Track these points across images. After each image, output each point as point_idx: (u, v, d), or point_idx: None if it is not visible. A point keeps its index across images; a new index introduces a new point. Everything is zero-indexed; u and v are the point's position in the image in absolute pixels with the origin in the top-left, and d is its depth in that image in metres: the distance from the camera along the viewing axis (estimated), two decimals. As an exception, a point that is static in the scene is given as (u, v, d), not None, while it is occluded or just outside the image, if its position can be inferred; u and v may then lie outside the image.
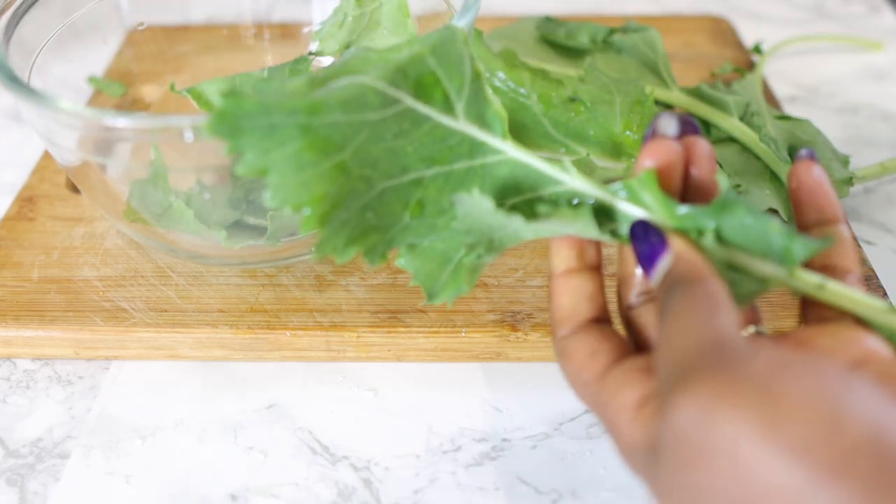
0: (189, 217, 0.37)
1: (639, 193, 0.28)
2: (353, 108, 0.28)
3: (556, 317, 0.30)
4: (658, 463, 0.24)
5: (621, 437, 0.27)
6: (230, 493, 0.35)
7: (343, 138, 0.28)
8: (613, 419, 0.27)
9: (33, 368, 0.41)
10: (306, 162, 0.27)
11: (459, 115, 0.30)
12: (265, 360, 0.40)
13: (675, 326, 0.25)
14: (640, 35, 0.53)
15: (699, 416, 0.22)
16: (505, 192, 0.30)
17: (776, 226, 0.26)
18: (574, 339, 0.30)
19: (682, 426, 0.22)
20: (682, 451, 0.22)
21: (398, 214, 0.30)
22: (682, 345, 0.24)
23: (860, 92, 0.59)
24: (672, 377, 0.23)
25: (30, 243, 0.44)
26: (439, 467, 0.35)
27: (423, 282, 0.31)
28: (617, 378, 0.28)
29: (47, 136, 0.35)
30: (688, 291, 0.25)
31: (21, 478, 0.36)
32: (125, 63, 0.55)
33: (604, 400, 0.28)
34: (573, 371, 0.29)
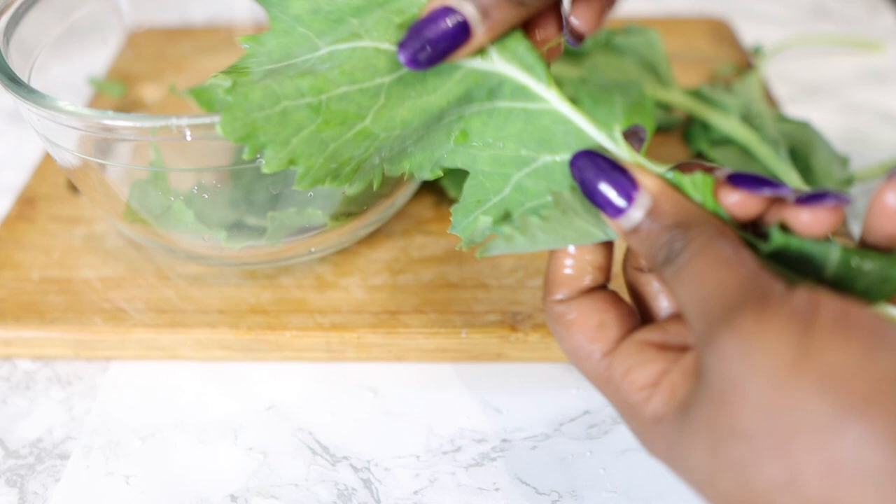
0: (189, 217, 0.37)
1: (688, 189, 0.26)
2: (362, 76, 0.27)
3: (553, 278, 0.28)
4: (690, 421, 0.23)
5: (639, 414, 0.25)
6: (230, 494, 0.35)
7: (359, 107, 0.27)
8: (626, 398, 0.26)
9: (33, 369, 0.41)
10: (328, 138, 0.27)
11: (492, 55, 0.28)
12: (265, 361, 0.40)
13: (702, 270, 0.23)
14: (640, 36, 0.53)
15: (740, 353, 0.21)
16: (544, 144, 0.28)
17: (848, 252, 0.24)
18: (576, 306, 0.27)
19: (724, 367, 0.21)
20: (723, 394, 0.21)
21: (443, 141, 0.29)
22: (716, 287, 0.22)
23: (860, 92, 0.59)
24: (711, 321, 0.22)
25: (30, 244, 0.44)
26: (439, 468, 0.35)
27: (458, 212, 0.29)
28: (628, 354, 0.26)
29: (47, 137, 0.35)
30: (700, 232, 0.24)
31: (21, 478, 0.36)
32: (125, 63, 0.55)
33: (615, 378, 0.26)
34: (575, 343, 0.27)
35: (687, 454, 0.23)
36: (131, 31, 0.54)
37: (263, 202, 0.39)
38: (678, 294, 0.24)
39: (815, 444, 0.20)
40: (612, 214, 0.25)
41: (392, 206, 0.42)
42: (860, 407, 0.20)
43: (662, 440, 0.24)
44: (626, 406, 0.26)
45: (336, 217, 0.39)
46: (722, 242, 0.23)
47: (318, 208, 0.38)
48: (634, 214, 0.25)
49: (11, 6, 0.39)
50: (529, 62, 0.28)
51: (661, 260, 0.24)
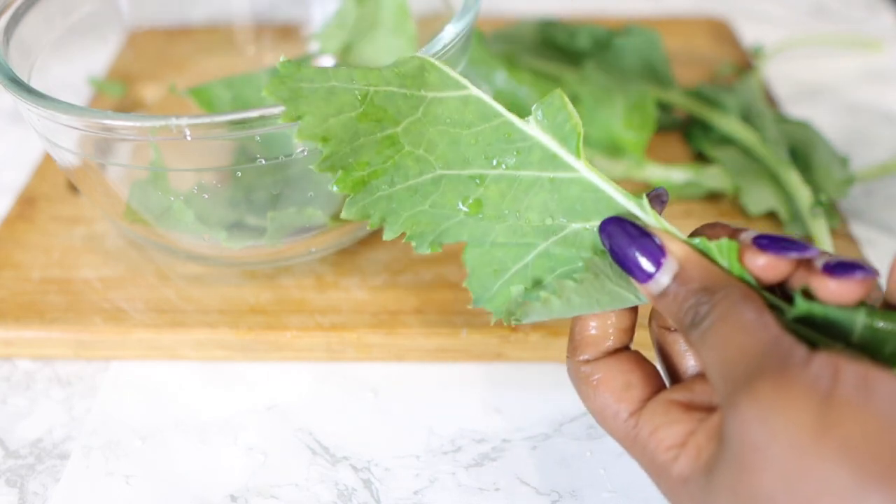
0: (189, 217, 0.37)
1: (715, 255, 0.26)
2: (412, 83, 0.27)
3: (578, 339, 0.29)
4: (715, 483, 0.23)
5: (666, 473, 0.25)
6: (230, 494, 0.35)
7: (399, 112, 0.27)
8: (653, 458, 0.26)
9: (33, 369, 0.41)
10: (362, 130, 0.27)
11: (532, 119, 0.28)
12: (265, 361, 0.40)
13: (726, 334, 0.24)
14: (640, 37, 0.53)
15: (760, 418, 0.22)
16: (573, 213, 0.28)
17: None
18: (602, 367, 0.28)
19: (744, 432, 0.22)
20: (744, 458, 0.22)
21: (453, 207, 0.29)
22: (739, 352, 0.23)
23: (860, 92, 0.59)
24: (733, 385, 0.23)
25: (30, 244, 0.44)
26: (439, 468, 0.35)
27: (474, 284, 0.30)
28: (655, 414, 0.26)
29: (47, 137, 0.35)
30: (723, 298, 0.24)
31: (21, 478, 0.36)
32: (125, 63, 0.55)
33: (642, 438, 0.26)
34: (602, 402, 0.28)
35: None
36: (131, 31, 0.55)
37: (263, 202, 0.39)
38: (703, 357, 0.24)
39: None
40: (641, 279, 0.26)
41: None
42: (882, 475, 0.20)
43: (689, 500, 0.25)
44: (654, 465, 0.26)
45: (336, 217, 0.39)
46: (745, 307, 0.24)
47: (318, 208, 0.38)
48: (662, 279, 0.26)
49: (11, 6, 0.39)
50: (564, 133, 0.28)
51: (688, 323, 0.25)
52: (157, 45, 0.56)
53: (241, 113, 0.31)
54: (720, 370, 0.23)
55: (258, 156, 0.33)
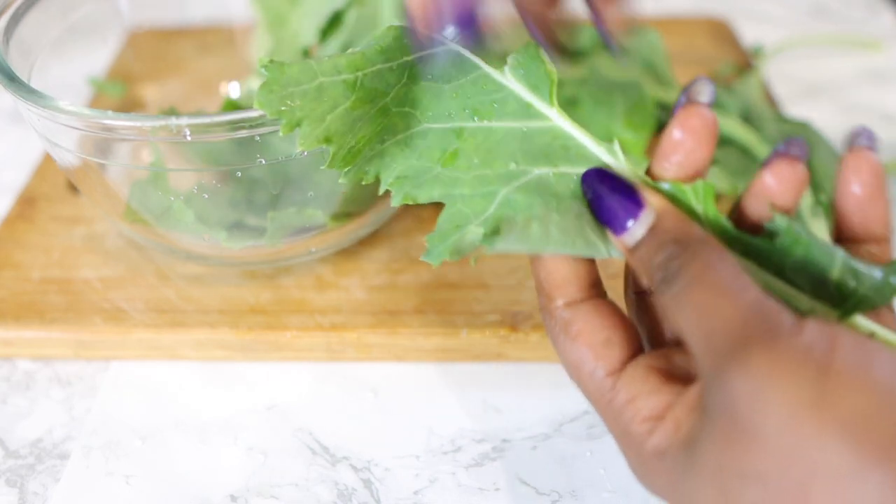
0: (189, 217, 0.37)
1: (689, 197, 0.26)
2: (395, 52, 0.28)
3: (552, 281, 0.27)
4: (696, 458, 0.22)
5: (640, 446, 0.24)
6: (230, 494, 0.35)
7: (387, 85, 0.28)
8: (627, 427, 0.25)
9: (33, 369, 0.41)
10: (357, 116, 0.27)
11: (507, 70, 0.28)
12: (265, 361, 0.40)
13: (703, 299, 0.22)
14: (640, 37, 0.53)
15: (752, 393, 0.20)
16: (540, 158, 0.28)
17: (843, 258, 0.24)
18: (583, 315, 0.26)
19: (733, 405, 0.21)
20: (731, 433, 0.21)
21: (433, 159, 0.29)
22: (719, 318, 0.22)
23: (860, 92, 0.59)
24: (715, 356, 0.21)
25: (30, 244, 0.44)
26: (439, 468, 0.35)
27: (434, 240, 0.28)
28: (633, 380, 0.25)
29: (47, 137, 0.35)
30: (699, 257, 0.23)
31: (21, 478, 0.36)
32: (125, 63, 0.55)
33: (617, 404, 0.25)
34: (579, 357, 0.26)
35: (693, 492, 0.22)
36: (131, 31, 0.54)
37: (263, 202, 0.39)
38: (679, 322, 0.23)
39: (833, 490, 0.19)
40: (617, 231, 0.25)
41: (392, 206, 0.42)
42: (883, 454, 0.19)
43: (664, 475, 0.24)
44: (626, 435, 0.25)
45: (336, 217, 0.39)
46: (721, 266, 0.23)
47: (318, 208, 0.38)
48: (637, 231, 0.25)
49: (11, 6, 0.39)
50: (537, 80, 0.28)
51: (659, 280, 0.24)
52: (157, 45, 0.56)
53: (241, 113, 0.31)
54: (699, 339, 0.22)
55: (258, 156, 0.33)
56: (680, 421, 0.23)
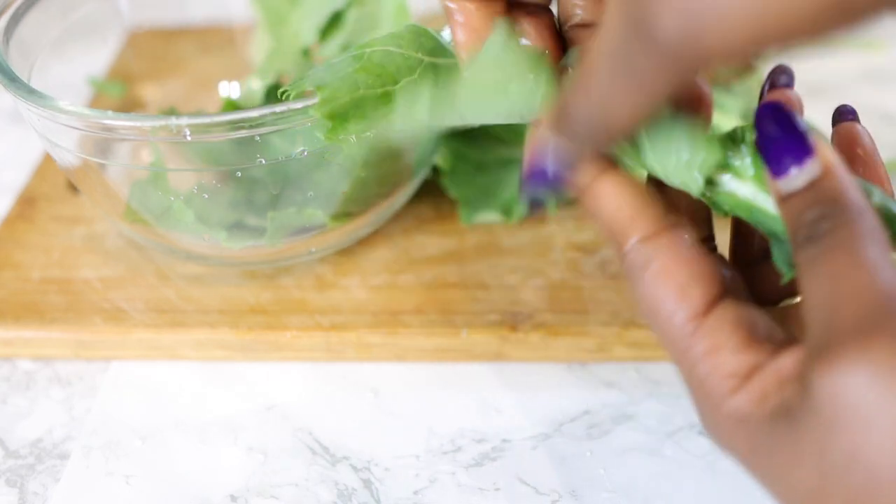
0: (189, 218, 0.37)
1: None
2: (407, 43, 0.28)
3: (616, 222, 0.24)
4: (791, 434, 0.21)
5: (716, 403, 0.22)
6: (230, 494, 0.35)
7: (398, 69, 0.28)
8: (704, 381, 0.23)
9: (33, 369, 0.41)
10: (361, 82, 0.27)
11: None
12: (265, 361, 0.40)
13: (843, 269, 0.20)
14: None
15: (871, 378, 0.19)
16: None
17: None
18: (663, 250, 0.23)
19: (847, 389, 0.19)
20: (841, 418, 0.19)
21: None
22: (853, 294, 0.20)
23: (860, 92, 0.59)
24: (839, 334, 0.20)
25: (30, 244, 0.44)
26: (439, 468, 0.35)
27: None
28: (719, 329, 0.23)
29: (47, 137, 0.35)
30: (853, 225, 0.21)
31: (21, 478, 0.36)
32: (125, 63, 0.55)
33: (695, 353, 0.23)
34: (659, 297, 0.23)
35: (788, 468, 0.21)
36: (131, 31, 0.54)
37: (263, 202, 0.39)
38: (806, 286, 0.21)
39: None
40: (777, 173, 0.23)
41: (392, 206, 0.42)
42: None
43: (744, 440, 0.22)
44: (701, 389, 0.23)
45: (336, 217, 0.39)
46: (871, 240, 0.21)
47: (318, 208, 0.38)
48: (799, 180, 0.22)
49: (11, 6, 0.39)
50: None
51: (802, 238, 0.22)
52: (157, 45, 0.56)
53: (241, 113, 0.31)
54: (824, 309, 0.20)
55: (258, 156, 0.33)
56: (768, 391, 0.22)
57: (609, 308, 0.40)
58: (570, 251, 0.43)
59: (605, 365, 0.40)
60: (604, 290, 0.41)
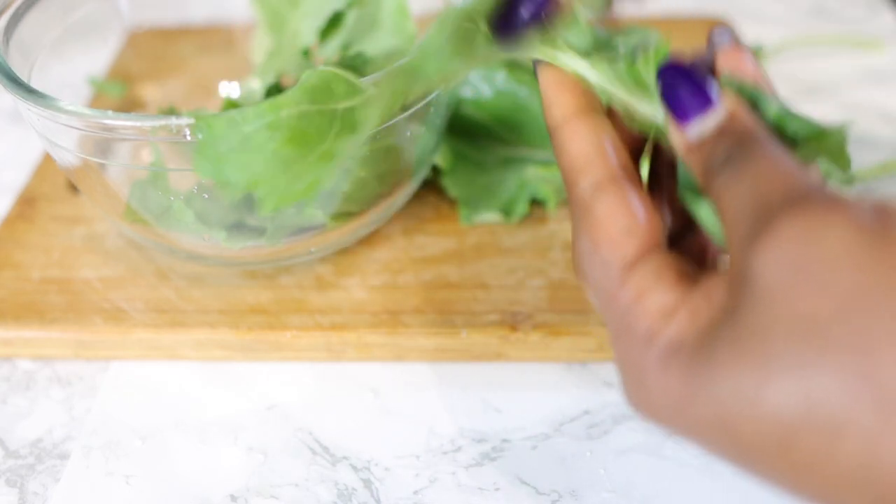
0: (189, 217, 0.37)
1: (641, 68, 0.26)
2: (321, 96, 0.27)
3: (573, 163, 0.25)
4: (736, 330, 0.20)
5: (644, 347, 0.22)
6: (230, 494, 0.35)
7: (318, 130, 0.27)
8: (633, 324, 0.22)
9: (33, 369, 0.41)
10: (289, 157, 0.26)
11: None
12: (265, 361, 0.40)
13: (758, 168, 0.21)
14: (640, 37, 0.53)
15: (808, 235, 0.19)
16: None
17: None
18: (605, 197, 0.24)
19: (788, 253, 0.19)
20: (785, 284, 0.19)
21: None
22: (779, 181, 0.20)
23: (860, 92, 0.59)
24: (771, 209, 0.20)
25: (30, 244, 0.44)
26: (439, 468, 0.35)
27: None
28: (645, 275, 0.23)
29: (47, 137, 0.35)
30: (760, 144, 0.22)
31: (21, 478, 0.36)
32: (125, 63, 0.55)
33: (623, 299, 0.23)
34: (595, 241, 0.24)
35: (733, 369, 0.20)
36: (131, 31, 0.54)
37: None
38: (726, 201, 0.22)
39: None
40: (682, 122, 0.24)
41: (392, 206, 0.42)
42: None
43: (678, 376, 0.21)
44: (628, 336, 0.22)
45: (336, 217, 0.39)
46: (782, 151, 0.22)
47: (318, 208, 0.38)
48: (706, 125, 0.23)
49: (11, 6, 0.39)
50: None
51: (717, 165, 0.22)
52: (157, 45, 0.56)
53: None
54: (752, 200, 0.21)
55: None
56: (697, 309, 0.21)
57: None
58: (571, 251, 0.43)
59: (605, 365, 0.40)
60: (604, 290, 0.41)
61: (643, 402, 0.22)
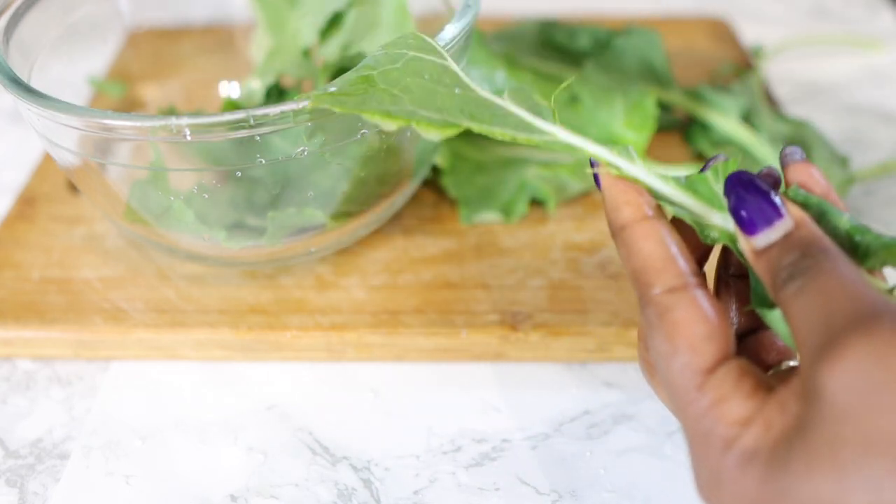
0: (189, 217, 0.37)
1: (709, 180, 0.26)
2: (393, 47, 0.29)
3: (648, 264, 0.25)
4: (808, 443, 0.21)
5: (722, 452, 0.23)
6: (230, 494, 0.35)
7: (375, 61, 0.29)
8: (710, 431, 0.23)
9: (33, 369, 0.41)
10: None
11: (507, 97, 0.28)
12: (265, 361, 0.40)
13: (827, 285, 0.22)
14: (640, 37, 0.53)
15: (878, 362, 0.20)
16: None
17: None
18: (685, 303, 0.24)
19: (859, 373, 0.20)
20: (854, 404, 0.20)
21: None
22: (847, 300, 0.21)
23: (860, 92, 0.59)
24: (839, 329, 0.21)
25: (30, 244, 0.44)
26: (439, 468, 0.35)
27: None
28: (725, 381, 0.23)
29: (47, 137, 0.35)
30: (826, 257, 0.23)
31: (21, 478, 0.36)
32: (125, 63, 0.55)
33: (702, 405, 0.23)
34: (673, 348, 0.24)
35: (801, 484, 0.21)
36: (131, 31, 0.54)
37: (263, 202, 0.39)
38: (794, 313, 0.22)
39: None
40: (749, 232, 0.25)
41: (392, 206, 0.42)
42: None
43: (752, 480, 0.22)
44: (706, 441, 0.23)
45: (336, 217, 0.39)
46: (849, 266, 0.22)
47: (318, 208, 0.38)
48: (772, 235, 0.24)
49: (11, 6, 0.39)
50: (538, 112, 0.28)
51: (785, 277, 0.23)
52: (157, 45, 0.56)
53: (241, 113, 0.31)
54: (817, 320, 0.21)
55: (258, 156, 0.33)
56: (771, 420, 0.22)
57: (609, 308, 0.40)
58: (570, 251, 0.43)
59: (605, 365, 0.40)
60: (604, 290, 0.41)
61: (718, 500, 0.23)
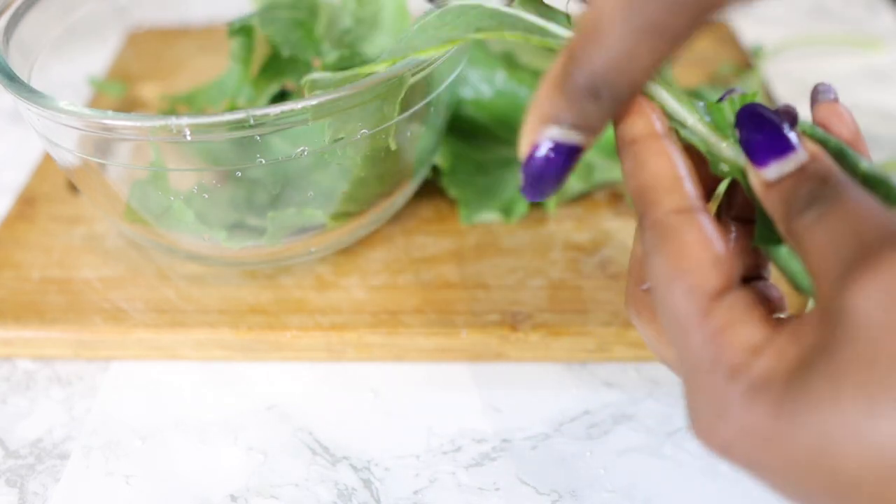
0: (189, 218, 0.37)
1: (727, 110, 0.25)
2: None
3: (656, 181, 0.24)
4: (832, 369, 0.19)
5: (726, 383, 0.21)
6: (230, 494, 0.35)
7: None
8: (717, 356, 0.21)
9: (33, 369, 0.41)
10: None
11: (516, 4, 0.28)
12: (265, 361, 0.40)
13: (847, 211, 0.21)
14: None
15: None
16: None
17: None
18: (696, 225, 0.23)
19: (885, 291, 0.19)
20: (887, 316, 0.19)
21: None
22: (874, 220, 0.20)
23: (860, 92, 0.59)
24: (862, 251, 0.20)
25: (30, 244, 0.44)
26: (439, 468, 0.35)
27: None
28: (736, 307, 0.22)
29: (47, 137, 0.35)
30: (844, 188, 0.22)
31: (21, 478, 0.36)
32: (125, 63, 0.55)
33: (708, 329, 0.22)
34: (679, 268, 0.22)
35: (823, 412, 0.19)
36: (131, 31, 0.55)
37: (263, 202, 0.39)
38: (816, 236, 0.21)
39: None
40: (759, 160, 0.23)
41: (392, 206, 0.42)
42: None
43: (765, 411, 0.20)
44: (710, 366, 0.22)
45: (336, 217, 0.39)
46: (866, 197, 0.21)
47: (318, 208, 0.38)
48: (786, 167, 0.23)
49: (11, 6, 0.39)
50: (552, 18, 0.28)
51: (801, 206, 0.22)
52: (157, 45, 0.56)
53: (241, 113, 0.31)
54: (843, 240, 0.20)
55: (258, 156, 0.33)
56: (784, 349, 0.21)
57: (609, 308, 0.40)
58: (570, 251, 0.43)
59: (605, 365, 0.40)
60: (604, 290, 0.41)
61: (718, 436, 0.21)
